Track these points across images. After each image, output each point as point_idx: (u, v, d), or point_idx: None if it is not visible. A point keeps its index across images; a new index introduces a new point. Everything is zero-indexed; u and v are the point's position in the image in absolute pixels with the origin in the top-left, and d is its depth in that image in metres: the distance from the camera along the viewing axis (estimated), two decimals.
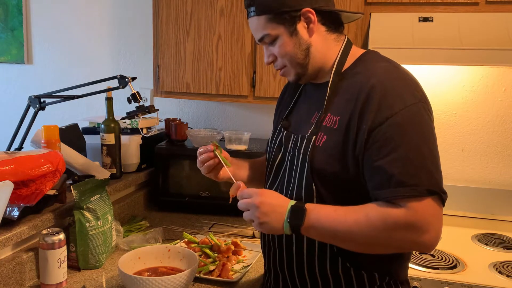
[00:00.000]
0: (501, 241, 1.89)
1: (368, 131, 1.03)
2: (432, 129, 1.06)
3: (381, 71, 1.10)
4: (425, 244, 1.02)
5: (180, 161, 2.11)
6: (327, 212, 1.05)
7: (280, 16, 1.12)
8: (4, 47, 2.72)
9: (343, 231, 1.04)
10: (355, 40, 1.88)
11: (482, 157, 2.17)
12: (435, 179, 1.01)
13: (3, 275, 1.32)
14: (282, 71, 1.21)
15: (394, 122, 1.02)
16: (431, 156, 1.03)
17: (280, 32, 1.13)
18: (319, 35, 1.15)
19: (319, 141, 1.12)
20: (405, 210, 1.00)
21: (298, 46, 1.14)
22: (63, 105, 1.99)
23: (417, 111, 1.04)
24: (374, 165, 1.03)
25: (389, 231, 1.01)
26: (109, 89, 1.88)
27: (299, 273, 1.19)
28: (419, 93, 1.07)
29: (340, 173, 1.09)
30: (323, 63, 1.17)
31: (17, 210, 1.36)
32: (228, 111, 2.45)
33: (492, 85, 2.12)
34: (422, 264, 1.64)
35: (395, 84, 1.06)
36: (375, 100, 1.03)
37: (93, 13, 2.56)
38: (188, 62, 2.08)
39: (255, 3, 1.13)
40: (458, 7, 1.78)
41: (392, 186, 1.01)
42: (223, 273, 1.45)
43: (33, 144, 1.71)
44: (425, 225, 1.00)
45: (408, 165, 1.00)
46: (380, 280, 1.16)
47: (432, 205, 1.00)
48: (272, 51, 1.18)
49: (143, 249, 1.45)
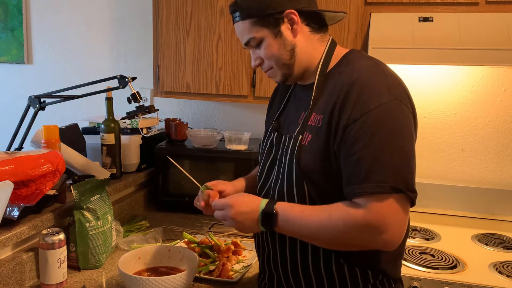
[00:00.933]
0: (501, 241, 1.89)
1: (344, 127, 1.06)
2: (408, 127, 1.06)
3: (362, 69, 1.11)
4: (384, 244, 1.04)
5: (180, 161, 2.09)
6: (294, 214, 1.10)
7: (263, 19, 1.14)
8: (4, 47, 2.72)
9: (308, 231, 1.09)
10: (355, 40, 1.88)
11: (482, 157, 2.17)
12: (402, 177, 1.02)
13: (3, 275, 1.32)
14: (269, 73, 1.23)
15: (368, 119, 1.03)
16: (402, 154, 1.03)
17: (265, 35, 1.15)
18: (303, 36, 1.17)
19: (305, 140, 1.14)
20: (364, 211, 1.02)
21: (283, 47, 1.16)
22: (63, 105, 1.99)
23: (392, 108, 1.05)
24: (346, 161, 1.06)
25: (349, 231, 1.04)
26: (109, 89, 1.88)
27: (293, 272, 1.21)
28: (397, 91, 1.08)
29: (326, 171, 1.11)
30: (308, 63, 1.19)
31: (17, 210, 1.36)
32: (228, 111, 2.45)
33: (492, 85, 2.12)
34: (422, 264, 1.64)
35: (373, 81, 1.07)
36: (352, 97, 1.05)
37: (93, 13, 2.56)
38: (188, 62, 2.08)
39: (239, 8, 1.16)
40: (458, 7, 1.78)
41: (359, 182, 1.03)
42: (223, 273, 1.45)
43: (33, 144, 1.71)
44: (383, 225, 1.01)
45: (376, 161, 1.02)
46: (373, 278, 1.17)
47: (394, 204, 1.01)
48: (258, 54, 1.20)
49: (143, 249, 1.45)
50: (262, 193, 1.28)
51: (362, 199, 1.03)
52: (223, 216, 1.17)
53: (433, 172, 2.23)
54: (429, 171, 2.23)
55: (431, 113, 2.20)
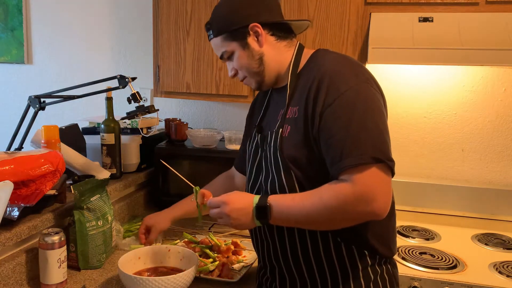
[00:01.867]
0: (501, 241, 1.89)
1: (320, 114, 1.14)
2: (378, 105, 1.16)
3: (329, 60, 1.22)
4: (375, 212, 1.09)
5: (180, 161, 2.11)
6: (286, 203, 1.17)
7: (232, 34, 1.27)
8: (4, 47, 2.72)
9: (303, 216, 1.15)
10: (355, 40, 1.88)
11: (482, 157, 2.17)
12: (380, 149, 1.10)
13: (3, 275, 1.32)
14: (245, 81, 1.34)
15: (340, 102, 1.13)
16: (376, 129, 1.12)
17: (234, 47, 1.28)
18: (269, 45, 1.28)
19: (285, 132, 1.23)
20: (351, 184, 1.08)
21: (251, 57, 1.27)
22: (63, 105, 1.99)
23: (361, 90, 1.15)
24: (327, 144, 1.14)
25: (342, 206, 1.10)
26: (109, 89, 1.88)
27: (295, 261, 1.26)
28: (363, 75, 1.18)
29: (309, 158, 1.19)
30: (278, 68, 1.30)
31: (17, 210, 1.36)
32: (228, 111, 2.45)
33: (492, 85, 2.12)
34: (422, 264, 1.64)
35: (340, 69, 1.18)
36: (324, 85, 1.15)
37: (93, 13, 2.57)
38: (188, 62, 2.08)
39: (212, 27, 1.30)
40: (458, 7, 1.78)
41: (342, 159, 1.10)
42: (223, 273, 1.45)
43: (33, 144, 1.71)
44: (372, 194, 1.08)
45: (354, 138, 1.10)
46: (371, 258, 1.24)
47: (378, 173, 1.08)
48: (232, 65, 1.32)
49: (143, 249, 1.45)
50: (254, 191, 1.34)
51: (347, 174, 1.09)
52: (219, 213, 1.21)
53: (433, 172, 2.23)
54: (429, 171, 2.23)
55: (431, 113, 2.20)
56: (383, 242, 1.25)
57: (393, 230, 1.30)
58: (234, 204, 1.20)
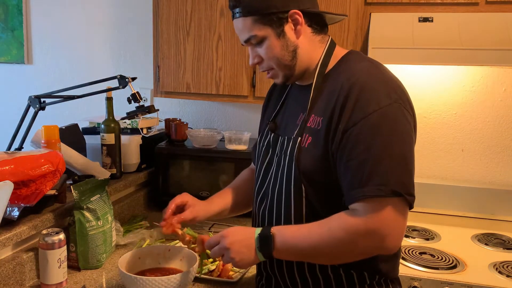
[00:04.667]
0: (501, 241, 1.89)
1: (343, 131, 1.05)
2: (407, 130, 1.06)
3: (361, 71, 1.10)
4: (387, 248, 1.04)
5: (180, 161, 2.11)
6: (292, 232, 1.09)
7: (267, 17, 1.12)
8: (4, 47, 2.72)
9: (310, 248, 1.07)
10: (355, 40, 1.88)
11: (482, 157, 2.17)
12: (402, 181, 1.02)
13: (3, 275, 1.32)
14: (270, 74, 1.21)
15: (367, 124, 1.03)
16: (402, 158, 1.03)
17: (267, 34, 1.13)
18: (306, 37, 1.16)
19: (304, 143, 1.14)
20: (364, 218, 1.01)
21: (285, 47, 1.14)
22: (63, 105, 1.99)
23: (391, 112, 1.04)
24: (346, 166, 1.05)
25: (352, 240, 1.03)
26: (109, 89, 1.88)
27: (290, 274, 1.20)
28: (396, 94, 1.07)
29: (325, 174, 1.10)
30: (308, 64, 1.18)
31: (17, 210, 1.36)
32: (228, 111, 2.45)
33: (492, 85, 2.12)
34: (422, 264, 1.64)
35: (372, 84, 1.06)
36: (351, 100, 1.05)
37: (93, 13, 2.57)
38: (188, 62, 2.08)
39: (241, 4, 1.13)
40: (458, 7, 1.78)
41: (359, 186, 1.02)
42: (223, 273, 1.45)
43: (33, 144, 1.71)
44: (385, 230, 1.01)
45: (376, 166, 1.01)
46: (370, 279, 1.17)
47: (393, 208, 1.01)
48: (258, 53, 1.18)
49: (143, 249, 1.45)
50: (260, 195, 1.27)
51: (362, 204, 1.02)
52: (220, 249, 1.13)
53: (433, 172, 2.23)
54: (429, 171, 2.23)
55: (431, 113, 2.20)
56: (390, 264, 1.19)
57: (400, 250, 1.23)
58: (234, 236, 1.12)
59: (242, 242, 1.11)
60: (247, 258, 1.11)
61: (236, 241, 1.11)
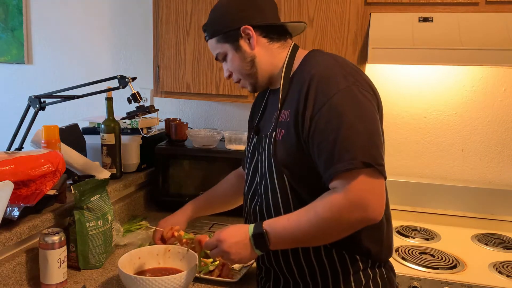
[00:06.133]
0: (501, 241, 1.89)
1: (310, 118, 1.14)
2: (368, 108, 1.14)
3: (319, 63, 1.21)
4: (370, 217, 1.09)
5: (180, 161, 2.11)
6: (282, 224, 1.16)
7: (224, 36, 1.28)
8: (4, 47, 2.72)
9: (301, 234, 1.14)
10: (355, 40, 1.88)
11: (482, 157, 2.17)
12: (369, 153, 1.09)
13: (3, 275, 1.32)
14: (240, 84, 1.35)
15: (330, 106, 1.12)
16: (367, 133, 1.10)
17: (227, 49, 1.29)
18: (262, 47, 1.28)
19: (278, 136, 1.23)
20: (343, 192, 1.08)
21: (243, 59, 1.28)
22: (63, 105, 1.99)
23: (350, 92, 1.13)
24: (318, 148, 1.13)
25: (337, 217, 1.09)
26: (109, 89, 1.88)
27: (286, 264, 1.27)
28: (353, 77, 1.16)
29: (302, 162, 1.18)
30: (271, 70, 1.30)
31: (17, 210, 1.36)
32: (228, 111, 2.45)
33: (492, 85, 2.12)
34: (422, 264, 1.64)
35: (329, 71, 1.17)
36: (313, 88, 1.15)
37: (93, 13, 2.57)
38: (188, 62, 2.08)
39: (207, 29, 1.32)
40: (458, 7, 1.78)
41: (332, 164, 1.10)
42: (223, 273, 1.45)
43: (33, 144, 1.71)
44: (365, 200, 1.08)
45: (345, 142, 1.09)
46: (362, 262, 1.23)
47: (368, 179, 1.08)
48: (227, 67, 1.34)
49: (143, 249, 1.45)
50: (250, 193, 1.35)
51: (338, 181, 1.09)
52: (219, 252, 1.22)
53: (433, 172, 2.23)
54: (429, 171, 2.23)
55: (431, 113, 2.20)
56: (378, 244, 1.24)
57: (388, 232, 1.29)
58: (230, 239, 1.19)
59: (239, 244, 1.19)
60: (246, 256, 1.19)
61: (233, 243, 1.19)
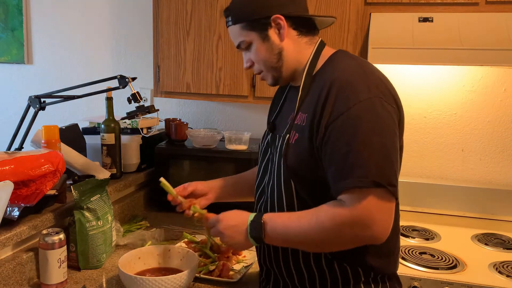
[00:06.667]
0: (501, 241, 1.89)
1: (325, 126, 1.09)
2: (387, 123, 1.09)
3: (343, 68, 1.14)
4: (372, 237, 1.06)
5: (180, 161, 2.11)
6: (282, 221, 1.14)
7: (252, 24, 1.20)
8: (4, 47, 2.72)
9: (299, 236, 1.12)
10: (355, 40, 1.88)
11: (482, 157, 2.17)
12: (383, 172, 1.04)
13: (3, 275, 1.32)
14: (261, 76, 1.28)
15: (347, 117, 1.06)
16: (382, 149, 1.06)
17: (253, 38, 1.21)
18: (291, 39, 1.21)
19: (292, 139, 1.18)
20: (349, 207, 1.05)
21: (270, 50, 1.21)
22: (63, 105, 1.99)
23: (371, 105, 1.07)
24: (330, 159, 1.09)
25: (338, 229, 1.07)
26: (109, 89, 1.88)
27: (286, 267, 1.24)
28: (377, 88, 1.10)
29: (310, 170, 1.14)
30: (296, 66, 1.23)
31: (17, 210, 1.36)
32: (228, 111, 2.45)
33: (492, 85, 2.12)
34: (422, 264, 1.64)
35: (352, 79, 1.10)
36: (332, 96, 1.09)
37: (93, 13, 2.57)
38: (188, 62, 2.08)
39: (231, 13, 1.22)
40: (458, 7, 1.78)
41: (342, 178, 1.06)
42: (223, 273, 1.45)
43: (33, 144, 1.71)
44: (369, 220, 1.04)
45: (358, 157, 1.04)
46: (364, 275, 1.18)
47: (376, 198, 1.04)
48: (249, 56, 1.26)
49: (143, 249, 1.45)
50: (258, 192, 1.32)
51: (346, 196, 1.06)
52: (215, 231, 1.23)
53: (433, 172, 2.23)
54: (429, 171, 2.23)
55: (431, 113, 2.20)
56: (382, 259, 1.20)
57: (395, 247, 1.24)
58: (228, 221, 1.20)
59: (234, 228, 1.18)
60: (240, 242, 1.19)
61: (229, 226, 1.19)
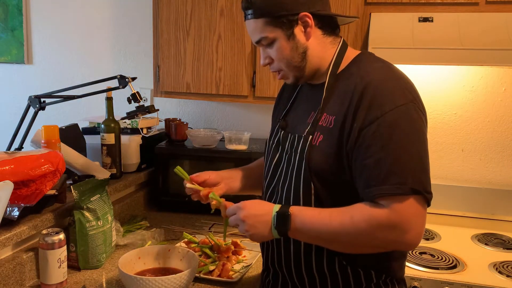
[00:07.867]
0: (501, 241, 1.89)
1: (359, 130, 1.06)
2: (422, 130, 1.08)
3: (374, 71, 1.12)
4: (407, 243, 1.05)
5: (180, 161, 2.11)
6: (312, 215, 1.09)
7: (277, 20, 1.13)
8: (4, 47, 2.72)
9: (328, 232, 1.08)
10: (355, 40, 1.88)
11: (482, 157, 2.17)
12: (419, 179, 1.03)
13: (3, 275, 1.32)
14: (280, 75, 1.22)
15: (383, 122, 1.04)
16: (418, 156, 1.05)
17: (278, 35, 1.14)
18: (316, 39, 1.17)
19: (315, 141, 1.14)
20: (388, 211, 1.02)
21: (295, 49, 1.16)
22: (63, 105, 1.99)
23: (407, 111, 1.06)
24: (362, 164, 1.06)
25: (373, 231, 1.04)
26: (109, 89, 1.88)
27: (297, 270, 1.21)
28: (410, 93, 1.09)
29: (336, 172, 1.11)
30: (319, 65, 1.19)
31: (17, 210, 1.36)
32: (228, 111, 2.45)
33: (492, 85, 2.12)
34: (422, 264, 1.64)
35: (387, 84, 1.08)
36: (366, 99, 1.06)
37: (93, 13, 2.56)
38: (188, 62, 2.08)
39: (253, 6, 1.14)
40: (458, 7, 1.78)
41: (378, 185, 1.03)
42: (223, 273, 1.45)
43: (33, 144, 1.71)
44: (407, 224, 1.02)
45: (394, 164, 1.03)
46: (376, 277, 1.17)
47: (415, 204, 1.03)
48: (268, 53, 1.19)
49: (143, 249, 1.45)
50: (269, 192, 1.28)
51: (384, 200, 1.03)
52: (235, 219, 1.14)
53: (433, 172, 2.20)
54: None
55: (431, 113, 2.20)
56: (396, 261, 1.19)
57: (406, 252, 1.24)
58: (250, 210, 1.12)
59: (257, 217, 1.11)
60: (261, 233, 1.11)
61: (251, 215, 1.11)
